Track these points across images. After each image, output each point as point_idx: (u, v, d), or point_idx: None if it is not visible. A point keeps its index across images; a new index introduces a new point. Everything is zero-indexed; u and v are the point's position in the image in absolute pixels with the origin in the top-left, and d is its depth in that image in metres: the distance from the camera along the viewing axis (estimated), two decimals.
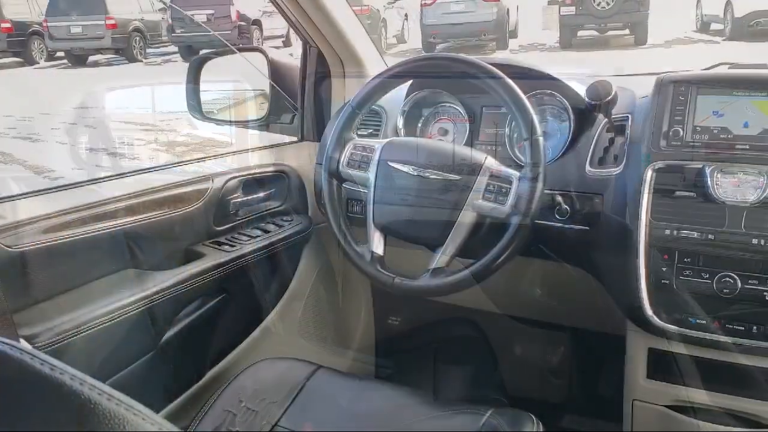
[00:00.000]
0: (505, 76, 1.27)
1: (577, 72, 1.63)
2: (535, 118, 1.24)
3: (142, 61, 14.88)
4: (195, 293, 1.39)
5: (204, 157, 1.60)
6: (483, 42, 13.80)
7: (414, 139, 1.48)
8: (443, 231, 1.28)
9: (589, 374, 1.94)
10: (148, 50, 15.50)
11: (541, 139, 1.23)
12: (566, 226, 1.38)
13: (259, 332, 1.60)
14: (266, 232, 1.57)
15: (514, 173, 1.25)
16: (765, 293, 1.16)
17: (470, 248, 1.31)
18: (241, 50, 1.85)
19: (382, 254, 1.35)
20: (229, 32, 13.43)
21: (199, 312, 1.42)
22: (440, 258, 1.28)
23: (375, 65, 1.83)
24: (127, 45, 14.57)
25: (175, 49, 14.82)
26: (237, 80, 2.00)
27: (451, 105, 1.64)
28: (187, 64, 1.90)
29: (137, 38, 14.91)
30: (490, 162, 1.28)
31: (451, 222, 1.27)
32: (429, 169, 1.31)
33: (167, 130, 8.04)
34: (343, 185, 1.43)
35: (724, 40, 12.24)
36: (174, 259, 1.42)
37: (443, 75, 1.41)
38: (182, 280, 1.34)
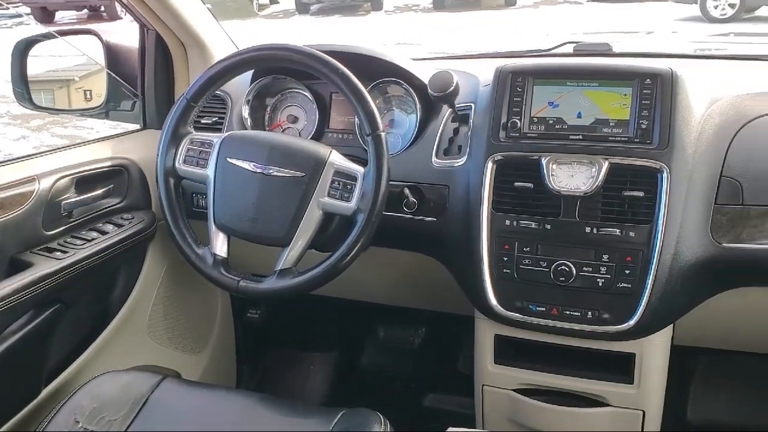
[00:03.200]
0: (344, 69, 1.22)
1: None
2: (377, 114, 1.21)
3: None
4: (23, 307, 1.28)
5: (29, 155, 1.46)
6: (357, 2, 13.67)
7: (254, 132, 1.42)
8: (289, 230, 1.23)
9: (445, 361, 1.98)
10: None
11: (383, 135, 1.20)
12: (414, 217, 1.38)
13: (101, 342, 1.50)
14: (104, 233, 1.46)
15: (359, 169, 1.22)
16: (598, 279, 1.20)
17: (323, 242, 1.28)
18: (68, 33, 1.69)
19: (225, 256, 1.29)
20: None
21: (29, 327, 1.30)
22: (287, 257, 1.24)
23: (221, 49, 1.73)
24: None
25: (28, 10, 13.67)
26: (71, 65, 1.85)
27: (299, 91, 1.58)
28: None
29: None
30: (335, 157, 1.24)
31: (297, 220, 1.23)
32: (271, 165, 1.25)
33: None
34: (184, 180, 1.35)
35: (587, 0, 12.78)
36: None
37: (286, 66, 1.35)
38: (7, 294, 1.22)
